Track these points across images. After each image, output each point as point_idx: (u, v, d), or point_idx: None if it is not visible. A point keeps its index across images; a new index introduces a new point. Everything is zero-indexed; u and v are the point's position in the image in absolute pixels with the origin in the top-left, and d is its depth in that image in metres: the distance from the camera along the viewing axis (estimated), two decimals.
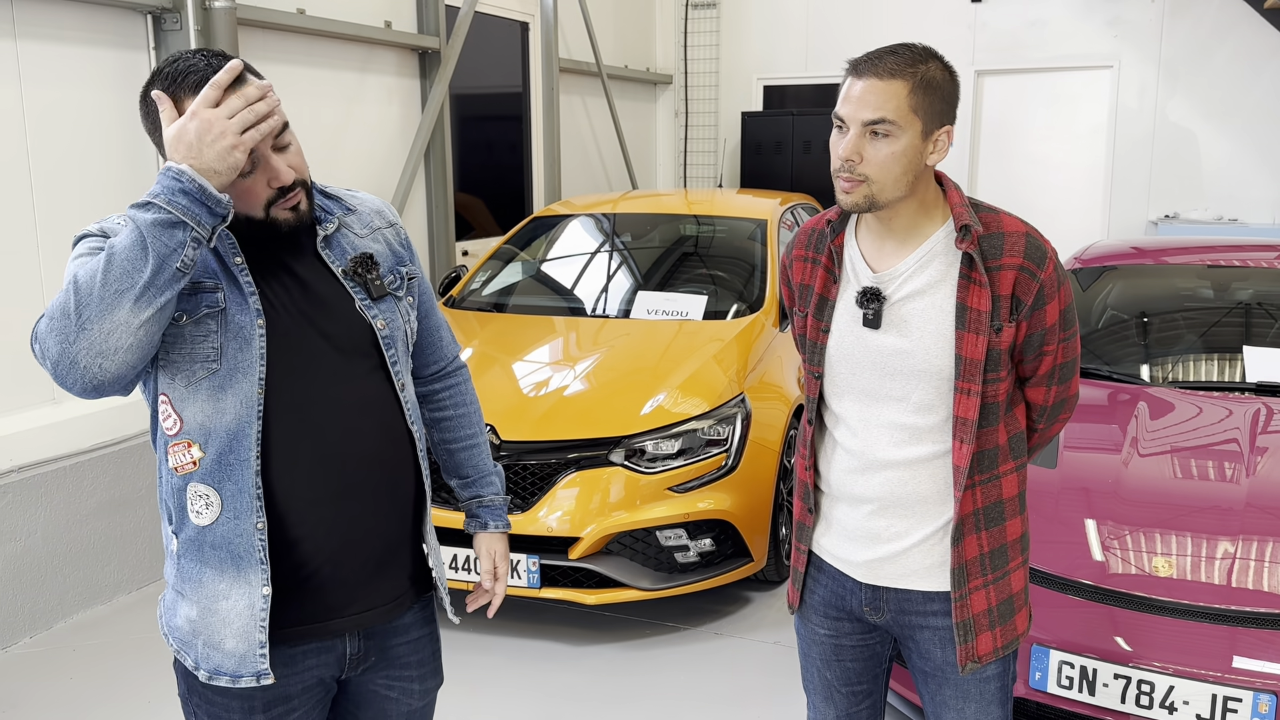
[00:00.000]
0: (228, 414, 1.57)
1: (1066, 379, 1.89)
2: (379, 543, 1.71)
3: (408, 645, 1.81)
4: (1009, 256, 1.77)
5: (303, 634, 1.66)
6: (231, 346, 1.56)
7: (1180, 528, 2.80)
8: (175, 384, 1.57)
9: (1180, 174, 7.77)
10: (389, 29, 5.59)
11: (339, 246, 1.69)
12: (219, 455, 1.58)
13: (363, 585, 1.70)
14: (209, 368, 1.55)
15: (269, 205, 1.57)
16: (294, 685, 1.68)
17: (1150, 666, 2.51)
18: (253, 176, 1.54)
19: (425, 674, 1.84)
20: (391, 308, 1.72)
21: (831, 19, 8.58)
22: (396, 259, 1.77)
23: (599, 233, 5.40)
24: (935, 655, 1.89)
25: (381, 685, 1.80)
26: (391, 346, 1.70)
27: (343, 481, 1.64)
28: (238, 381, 1.56)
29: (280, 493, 1.60)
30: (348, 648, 1.72)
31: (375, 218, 1.78)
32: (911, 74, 1.72)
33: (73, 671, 3.60)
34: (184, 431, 1.58)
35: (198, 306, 1.54)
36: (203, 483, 1.59)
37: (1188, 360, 3.93)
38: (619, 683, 3.51)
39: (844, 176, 1.76)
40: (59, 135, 3.94)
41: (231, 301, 1.56)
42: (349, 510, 1.65)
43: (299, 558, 1.63)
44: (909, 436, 1.83)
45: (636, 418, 3.77)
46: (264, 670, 1.60)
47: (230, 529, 1.59)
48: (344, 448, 1.64)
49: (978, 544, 1.83)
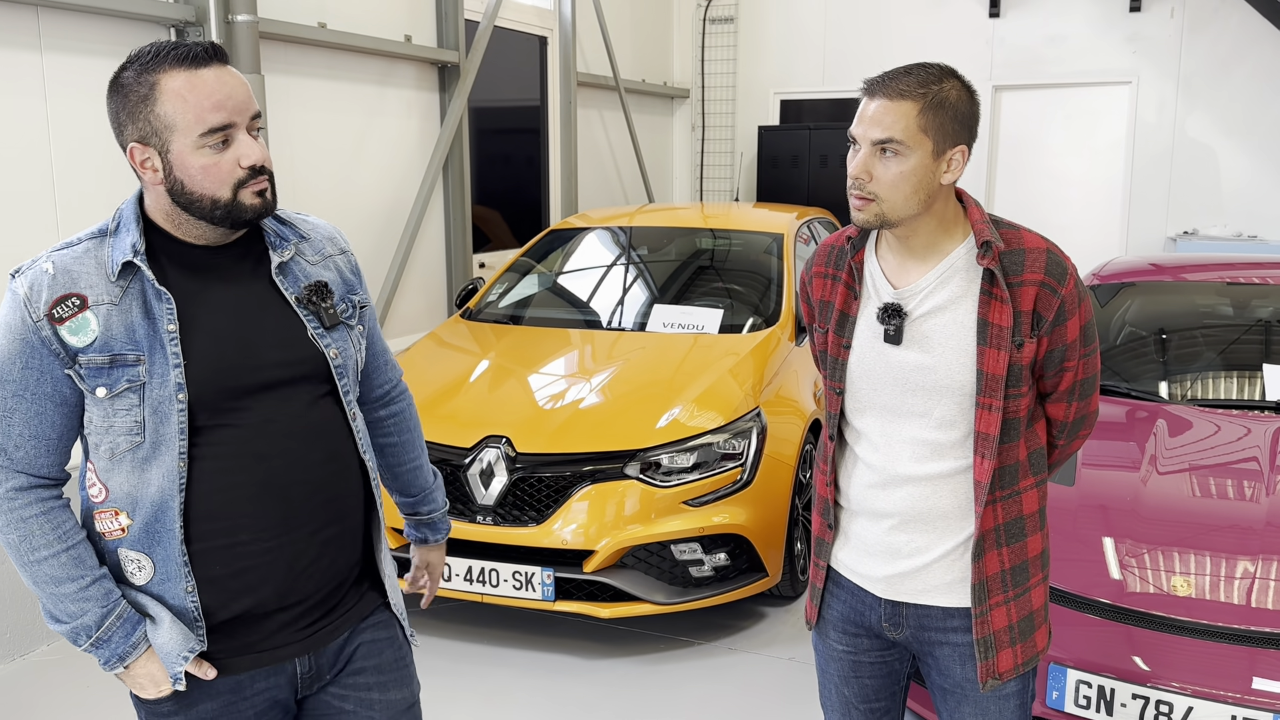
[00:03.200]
0: (152, 485, 1.56)
1: (1087, 395, 1.88)
2: (328, 573, 1.69)
3: (360, 649, 1.76)
4: (1030, 272, 1.77)
5: (249, 663, 1.65)
6: (153, 420, 1.54)
7: (1199, 547, 2.78)
8: (100, 454, 1.57)
9: (1199, 190, 7.73)
10: (409, 43, 5.63)
11: (292, 274, 1.68)
12: (145, 524, 1.57)
13: (311, 611, 1.68)
14: (132, 440, 1.55)
15: (238, 187, 1.55)
16: (245, 711, 1.67)
17: (1169, 687, 2.49)
18: (223, 153, 1.54)
19: (388, 683, 1.79)
20: (344, 336, 1.71)
21: (849, 33, 8.59)
22: (348, 287, 1.76)
23: (615, 246, 5.41)
24: (955, 672, 1.88)
25: (334, 696, 1.76)
26: (343, 375, 1.70)
27: (290, 510, 1.63)
28: (161, 454, 1.55)
29: (224, 532, 1.59)
30: (298, 668, 1.70)
31: (327, 244, 1.77)
32: (922, 94, 1.73)
33: (90, 679, 3.61)
34: (110, 500, 1.58)
35: (118, 381, 1.53)
36: (132, 549, 1.59)
37: (1207, 378, 3.91)
38: (633, 697, 3.50)
39: (856, 194, 1.78)
40: (82, 146, 3.98)
41: (155, 374, 1.54)
42: (299, 538, 1.64)
43: (245, 593, 1.62)
44: (931, 452, 1.82)
45: (652, 431, 3.77)
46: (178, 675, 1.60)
47: (164, 589, 1.60)
48: (289, 476, 1.62)
49: (999, 560, 1.82)
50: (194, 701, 1.64)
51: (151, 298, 1.56)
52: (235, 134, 1.54)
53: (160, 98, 1.51)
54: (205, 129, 1.51)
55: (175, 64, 1.51)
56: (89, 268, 1.55)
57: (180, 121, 1.51)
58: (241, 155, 1.55)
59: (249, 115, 1.55)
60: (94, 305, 1.53)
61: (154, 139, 1.53)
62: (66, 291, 1.53)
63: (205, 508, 1.58)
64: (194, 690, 1.63)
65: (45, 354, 1.53)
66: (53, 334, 1.52)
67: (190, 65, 1.51)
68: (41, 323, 1.52)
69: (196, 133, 1.51)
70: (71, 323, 1.52)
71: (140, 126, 1.54)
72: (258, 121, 1.58)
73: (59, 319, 1.52)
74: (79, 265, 1.55)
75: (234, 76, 1.55)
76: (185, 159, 1.53)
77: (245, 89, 1.56)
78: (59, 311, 1.52)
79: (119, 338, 1.53)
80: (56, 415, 1.56)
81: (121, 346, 1.53)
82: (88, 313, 1.53)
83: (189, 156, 1.53)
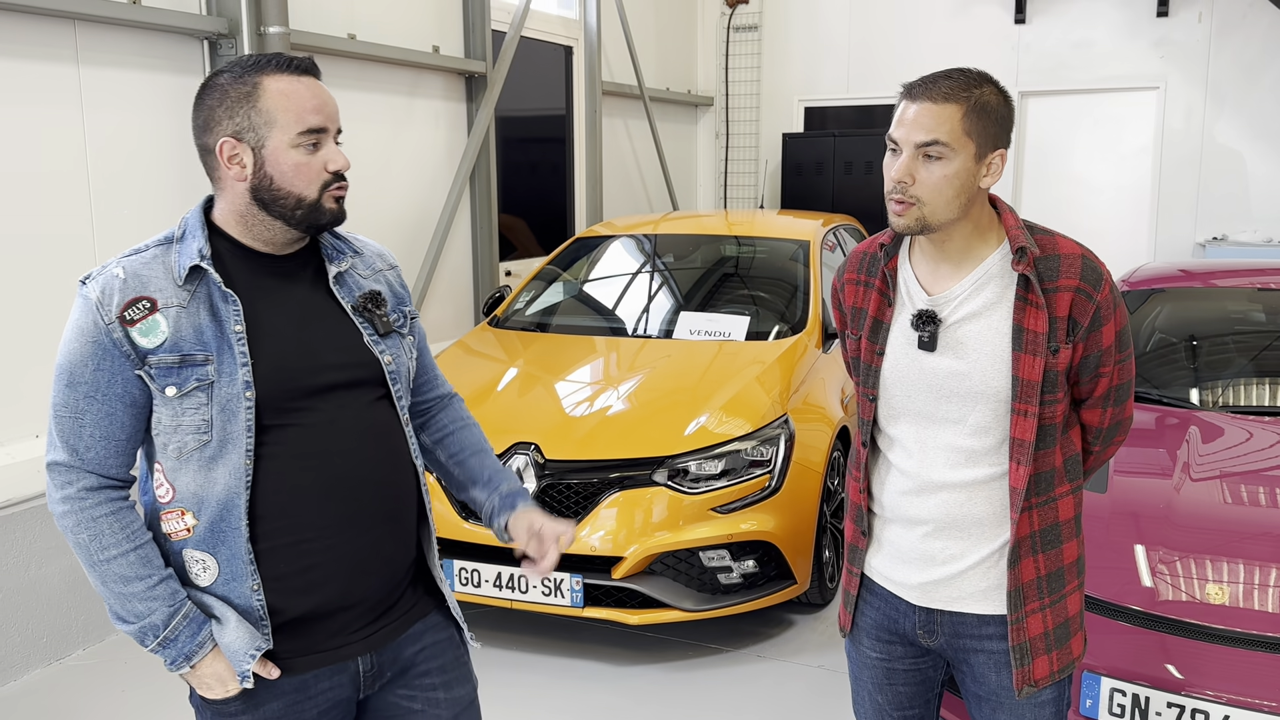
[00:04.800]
0: (218, 484, 1.60)
1: (1122, 400, 1.88)
2: (388, 568, 1.73)
3: (424, 652, 1.81)
4: (1065, 278, 1.77)
5: (313, 662, 1.68)
6: (220, 418, 1.58)
7: (1233, 554, 2.76)
8: (168, 454, 1.61)
9: (1228, 196, 7.67)
10: (437, 54, 5.67)
11: (348, 284, 1.75)
12: (211, 524, 1.61)
13: (372, 610, 1.72)
14: (200, 438, 1.59)
15: (324, 188, 1.64)
16: (309, 710, 1.70)
17: (1204, 695, 2.46)
18: (314, 155, 1.63)
19: (451, 680, 1.83)
20: (397, 344, 1.77)
21: (873, 40, 8.58)
22: (398, 299, 1.83)
23: (641, 254, 5.43)
24: (990, 679, 1.87)
25: (402, 697, 1.80)
26: (397, 380, 1.75)
27: (351, 507, 1.67)
28: (227, 453, 1.59)
29: (289, 530, 1.63)
30: (360, 666, 1.73)
31: (377, 260, 1.84)
32: (965, 97, 1.73)
33: (125, 684, 3.65)
34: (176, 500, 1.62)
35: (187, 380, 1.58)
36: (198, 549, 1.63)
37: (1239, 384, 3.87)
38: (661, 704, 3.51)
39: (896, 198, 1.77)
40: (117, 157, 4.04)
41: (223, 373, 1.59)
42: (358, 536, 1.68)
43: (310, 590, 1.66)
44: (965, 458, 1.82)
45: (680, 438, 3.77)
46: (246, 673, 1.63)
47: (229, 589, 1.63)
48: (354, 474, 1.67)
49: (1035, 567, 1.82)
50: (260, 702, 1.66)
51: (218, 300, 1.61)
52: (325, 140, 1.64)
53: (263, 96, 1.59)
54: (304, 128, 1.60)
55: (278, 69, 1.62)
56: (158, 272, 1.61)
57: (281, 119, 1.59)
58: (329, 160, 1.64)
59: (337, 126, 1.66)
60: (163, 308, 1.58)
61: (250, 134, 1.60)
62: (137, 295, 1.58)
63: (270, 506, 1.62)
64: (260, 690, 1.65)
65: (117, 355, 1.57)
66: (124, 336, 1.57)
67: (293, 72, 1.62)
68: (113, 325, 1.57)
69: (295, 130, 1.60)
70: (142, 325, 1.57)
71: (238, 122, 1.60)
72: (340, 136, 1.68)
73: (130, 321, 1.57)
74: (148, 270, 1.61)
75: (326, 90, 1.67)
76: (279, 155, 1.60)
77: (335, 103, 1.67)
78: (130, 314, 1.57)
79: (188, 338, 1.58)
80: (126, 416, 1.60)
81: (190, 347, 1.58)
82: (158, 315, 1.58)
83: (283, 153, 1.60)
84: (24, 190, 3.72)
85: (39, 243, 3.78)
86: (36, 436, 3.79)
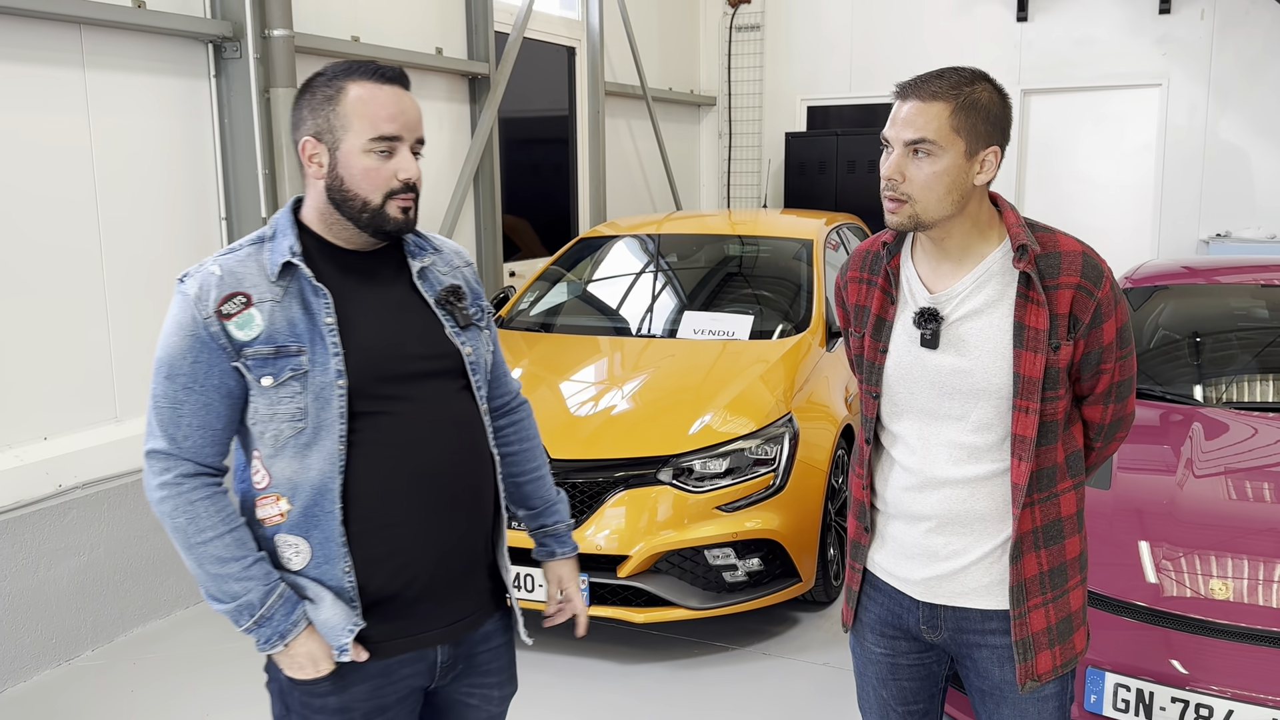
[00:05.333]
0: (313, 470, 1.67)
1: (1123, 397, 1.89)
2: (468, 555, 1.81)
3: (490, 653, 1.89)
4: (1066, 275, 1.78)
5: (398, 647, 1.74)
6: (315, 406, 1.66)
7: (1237, 550, 2.77)
8: (264, 441, 1.68)
9: (1232, 193, 7.66)
10: (440, 55, 5.69)
11: (429, 280, 1.82)
12: (305, 508, 1.68)
13: (452, 597, 1.79)
14: (295, 425, 1.66)
15: (388, 196, 1.69)
16: (390, 696, 1.76)
17: (1209, 690, 2.48)
18: (385, 162, 1.68)
19: (503, 681, 1.94)
20: (476, 336, 1.84)
21: (876, 39, 8.59)
22: (474, 294, 1.90)
23: (644, 253, 5.44)
24: (993, 674, 1.89)
25: (464, 694, 1.88)
26: (476, 371, 1.82)
27: (438, 495, 1.74)
28: (322, 440, 1.66)
29: (377, 515, 1.70)
30: (439, 657, 1.80)
31: (455, 257, 1.91)
32: (954, 96, 1.75)
33: (133, 684, 3.67)
34: (272, 486, 1.69)
35: (282, 370, 1.66)
36: (291, 534, 1.70)
37: (1242, 381, 3.88)
38: (667, 702, 3.52)
39: (889, 196, 1.80)
40: (124, 160, 4.07)
41: (316, 363, 1.66)
42: (443, 521, 1.75)
43: (398, 574, 1.72)
44: (968, 455, 1.84)
45: (684, 437, 3.79)
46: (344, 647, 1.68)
47: (321, 572, 1.70)
48: (440, 462, 1.74)
49: (1037, 562, 1.83)
50: (348, 684, 1.72)
51: (310, 294, 1.69)
52: (400, 148, 1.69)
53: (344, 99, 1.67)
54: (376, 134, 1.66)
55: (364, 76, 1.67)
56: (251, 270, 1.69)
57: (356, 123, 1.66)
58: (400, 168, 1.69)
59: (415, 136, 1.71)
60: (258, 303, 1.66)
61: (328, 135, 1.68)
62: (233, 290, 1.66)
63: (361, 491, 1.68)
64: (347, 672, 1.71)
65: (214, 348, 1.65)
66: (221, 329, 1.64)
67: (377, 80, 1.68)
68: (210, 319, 1.64)
69: (367, 136, 1.66)
70: (238, 318, 1.65)
71: (319, 122, 1.68)
72: (421, 146, 1.73)
73: (227, 315, 1.65)
74: (242, 267, 1.69)
75: (411, 100, 1.71)
76: (351, 158, 1.67)
77: (418, 113, 1.72)
78: (227, 308, 1.65)
79: (282, 331, 1.66)
80: (222, 406, 1.68)
81: (284, 339, 1.66)
82: (253, 309, 1.66)
83: (355, 157, 1.67)
84: (32, 195, 3.74)
85: (46, 248, 3.80)
86: (44, 439, 3.82)
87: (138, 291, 4.15)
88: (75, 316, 3.92)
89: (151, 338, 4.19)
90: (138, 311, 4.15)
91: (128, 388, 4.13)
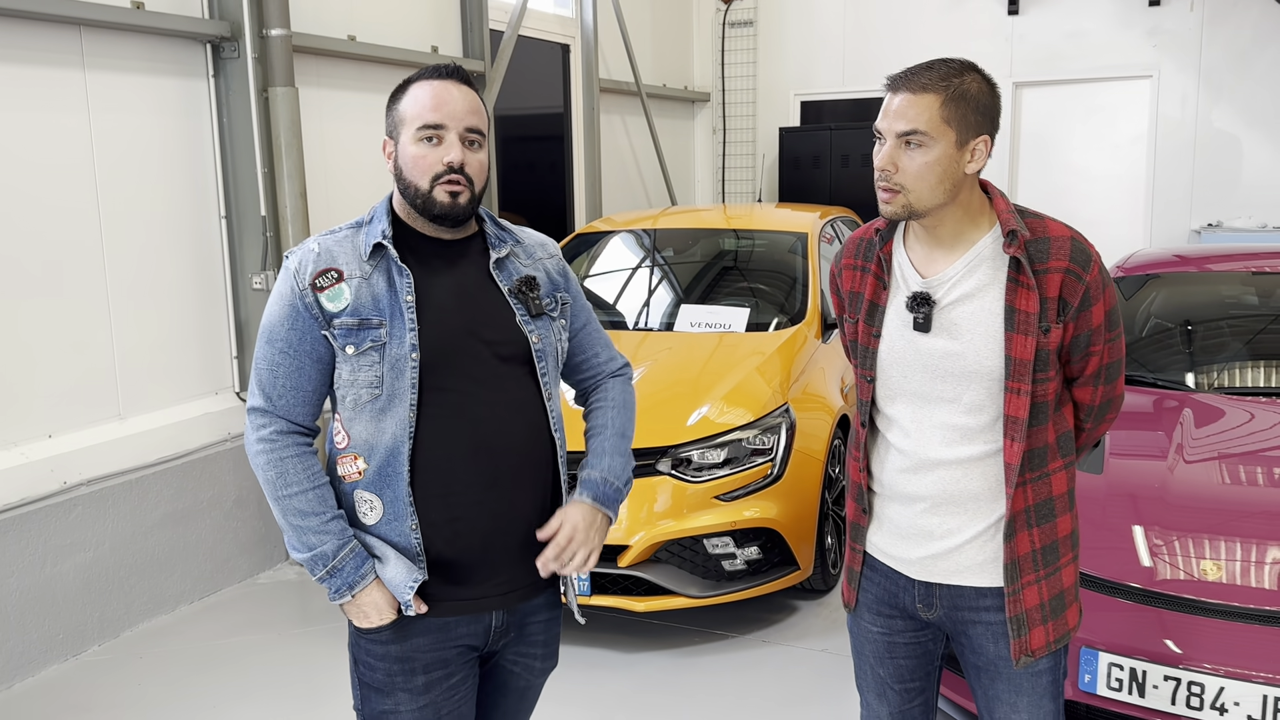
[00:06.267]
0: (386, 433, 1.82)
1: (1113, 379, 1.93)
2: (522, 529, 1.91)
3: (538, 625, 2.01)
4: (1055, 260, 1.83)
5: (456, 608, 1.88)
6: (390, 375, 1.81)
7: (1228, 532, 2.82)
8: (345, 405, 1.85)
9: (1222, 182, 7.72)
10: (435, 53, 5.73)
11: (507, 269, 1.95)
12: (379, 468, 1.83)
13: (507, 566, 1.90)
14: (373, 392, 1.82)
15: (434, 180, 1.81)
16: (450, 650, 1.89)
17: (1200, 668, 2.53)
18: (433, 149, 1.81)
19: (547, 654, 2.05)
20: (546, 325, 1.95)
21: (868, 34, 8.63)
22: (554, 285, 2.01)
23: (640, 249, 5.48)
24: (988, 650, 1.94)
25: (510, 660, 2.01)
26: (543, 359, 1.93)
27: (494, 470, 1.86)
28: (395, 406, 1.81)
29: (440, 482, 1.83)
30: (494, 621, 1.92)
31: (538, 249, 2.03)
32: (944, 87, 1.80)
33: (141, 678, 3.71)
34: (351, 446, 1.85)
35: (364, 340, 1.81)
36: (367, 490, 1.85)
37: (1233, 367, 3.93)
38: (670, 690, 3.57)
39: (882, 186, 1.85)
40: (124, 160, 4.10)
41: (394, 336, 1.81)
42: (499, 496, 1.87)
43: (456, 539, 1.85)
44: (960, 436, 1.88)
45: (683, 428, 3.83)
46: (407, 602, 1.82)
47: (391, 529, 1.85)
48: (496, 440, 1.86)
49: (1030, 540, 1.88)
50: (409, 635, 1.86)
51: (395, 274, 1.84)
52: (447, 135, 1.81)
53: (403, 98, 1.84)
54: (422, 124, 1.80)
55: (426, 77, 1.84)
56: (347, 250, 1.86)
57: (408, 116, 1.82)
58: (444, 154, 1.81)
59: (463, 125, 1.82)
60: (348, 278, 1.83)
61: (393, 131, 1.86)
62: (327, 266, 1.83)
63: (426, 458, 1.82)
64: (408, 624, 1.86)
65: (308, 317, 1.83)
66: (314, 300, 1.82)
67: (433, 78, 1.84)
68: (305, 291, 1.82)
69: (415, 126, 1.81)
70: (330, 291, 1.82)
71: (389, 122, 1.87)
72: (475, 135, 1.84)
73: (320, 288, 1.82)
74: (339, 247, 1.87)
75: (462, 91, 1.84)
76: (406, 149, 1.83)
77: (468, 103, 1.83)
78: (320, 282, 1.82)
79: (366, 305, 1.82)
80: (313, 370, 1.85)
81: (368, 312, 1.82)
82: (343, 284, 1.83)
83: (409, 147, 1.83)
84: (34, 195, 3.78)
85: (48, 247, 3.83)
86: (49, 436, 3.85)
87: (139, 289, 4.18)
88: (77, 315, 3.95)
89: (152, 335, 4.24)
90: (139, 309, 4.19)
91: (130, 385, 4.16)
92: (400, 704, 1.87)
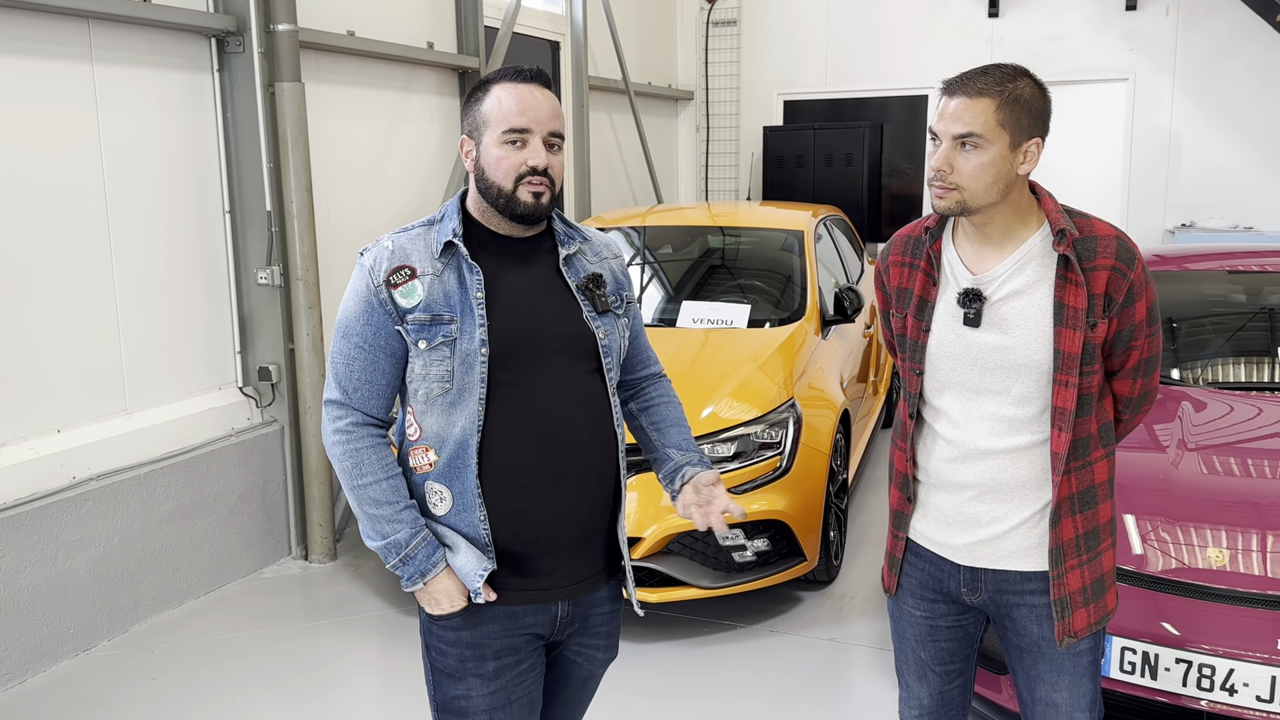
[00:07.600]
0: (456, 426, 1.86)
1: (1150, 371, 2.02)
2: (585, 521, 1.95)
3: (602, 617, 2.05)
4: (1102, 258, 1.91)
5: (523, 597, 1.92)
6: (460, 370, 1.85)
7: (1230, 521, 2.93)
8: (417, 399, 1.89)
9: (1196, 183, 7.91)
10: (431, 49, 5.74)
11: (575, 267, 1.99)
12: (449, 460, 1.87)
13: (571, 558, 1.95)
14: (443, 386, 1.86)
15: (518, 181, 1.85)
16: (519, 638, 1.94)
17: (1211, 651, 2.63)
18: (517, 152, 1.84)
19: (608, 645, 2.10)
20: (611, 322, 2.00)
21: (850, 35, 8.75)
22: (618, 284, 2.06)
23: (633, 247, 5.53)
24: (1031, 631, 2.02)
25: (573, 651, 2.05)
26: (609, 355, 1.97)
27: (560, 463, 1.90)
28: (465, 400, 1.85)
29: (507, 474, 1.87)
30: (559, 611, 1.96)
31: (604, 249, 2.08)
32: (999, 92, 1.87)
33: (154, 672, 3.71)
34: (423, 438, 1.89)
35: (435, 335, 1.85)
36: (437, 481, 1.89)
37: (1220, 363, 4.06)
38: (684, 678, 3.63)
39: (937, 184, 1.91)
40: (130, 153, 4.09)
41: (464, 331, 1.85)
42: (564, 489, 1.91)
43: (522, 531, 1.89)
44: (1008, 427, 1.96)
45: (694, 422, 3.89)
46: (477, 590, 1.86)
47: (460, 519, 1.89)
48: (565, 434, 1.90)
49: (1073, 526, 1.96)
50: (479, 621, 1.91)
51: (465, 271, 1.88)
52: (531, 139, 1.85)
53: (486, 100, 1.87)
54: (507, 127, 1.84)
55: (507, 79, 1.87)
56: (419, 247, 1.90)
57: (492, 119, 1.86)
58: (529, 156, 1.85)
59: (547, 130, 1.86)
60: (421, 275, 1.87)
61: (475, 131, 1.90)
62: (401, 264, 1.87)
63: (494, 451, 1.86)
64: (478, 611, 1.90)
65: (382, 313, 1.87)
66: (388, 297, 1.86)
67: (516, 80, 1.87)
68: (380, 287, 1.86)
69: (500, 129, 1.85)
70: (403, 288, 1.86)
71: (469, 122, 1.90)
72: (556, 139, 1.89)
73: (394, 285, 1.86)
74: (412, 245, 1.90)
75: (545, 95, 1.88)
76: (489, 150, 1.87)
77: (551, 108, 1.88)
78: (394, 279, 1.86)
79: (438, 301, 1.86)
80: (387, 364, 1.89)
81: (440, 309, 1.86)
82: (416, 281, 1.86)
83: (492, 148, 1.86)
84: (42, 188, 3.76)
85: (55, 241, 3.81)
86: (58, 431, 3.84)
87: (145, 284, 4.17)
88: (84, 309, 3.93)
89: (158, 330, 4.23)
90: (146, 304, 4.18)
91: (137, 380, 4.15)
92: (472, 689, 1.91)
